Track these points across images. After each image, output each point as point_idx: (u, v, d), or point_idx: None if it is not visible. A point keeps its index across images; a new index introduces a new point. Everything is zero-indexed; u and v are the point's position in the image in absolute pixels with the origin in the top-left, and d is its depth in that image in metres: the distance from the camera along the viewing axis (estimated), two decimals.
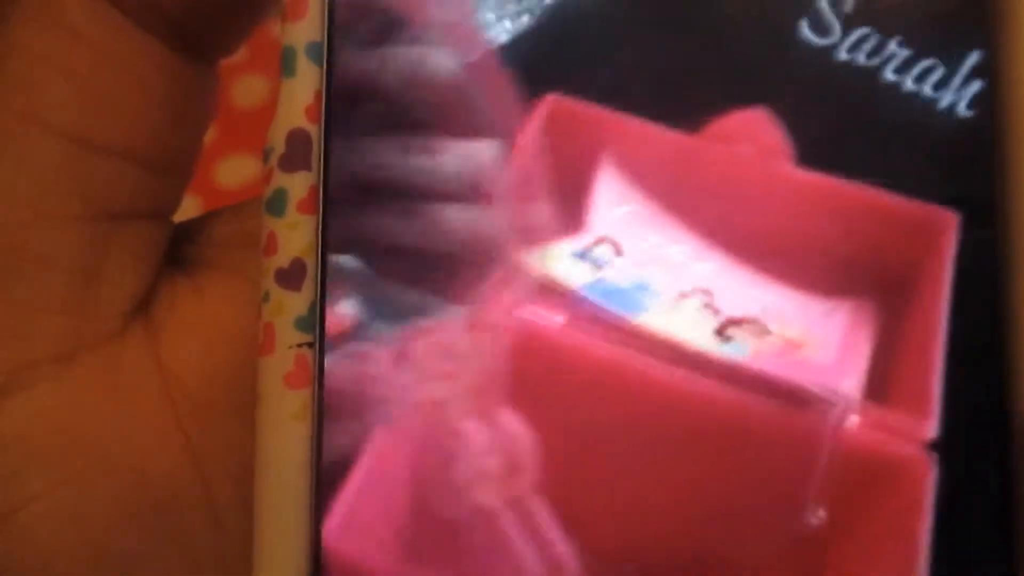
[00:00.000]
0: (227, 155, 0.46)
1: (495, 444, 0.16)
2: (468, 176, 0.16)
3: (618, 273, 0.16)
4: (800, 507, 0.15)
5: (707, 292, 0.16)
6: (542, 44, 0.17)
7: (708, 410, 0.15)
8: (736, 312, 0.16)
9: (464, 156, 0.16)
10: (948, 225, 0.15)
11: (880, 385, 0.15)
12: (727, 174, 0.16)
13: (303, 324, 0.18)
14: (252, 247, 0.18)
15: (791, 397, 0.15)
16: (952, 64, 0.15)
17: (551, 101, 0.16)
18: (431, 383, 0.16)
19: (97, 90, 0.18)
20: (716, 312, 0.16)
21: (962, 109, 0.15)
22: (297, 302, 0.18)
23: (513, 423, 0.16)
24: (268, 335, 0.18)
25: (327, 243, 0.18)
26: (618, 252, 0.16)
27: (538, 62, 0.17)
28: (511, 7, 0.16)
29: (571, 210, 0.16)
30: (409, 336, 0.16)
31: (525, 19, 0.16)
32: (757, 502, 0.15)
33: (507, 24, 0.17)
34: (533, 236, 0.16)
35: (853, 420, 0.15)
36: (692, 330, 0.16)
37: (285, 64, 0.18)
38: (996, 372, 0.15)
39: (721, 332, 0.16)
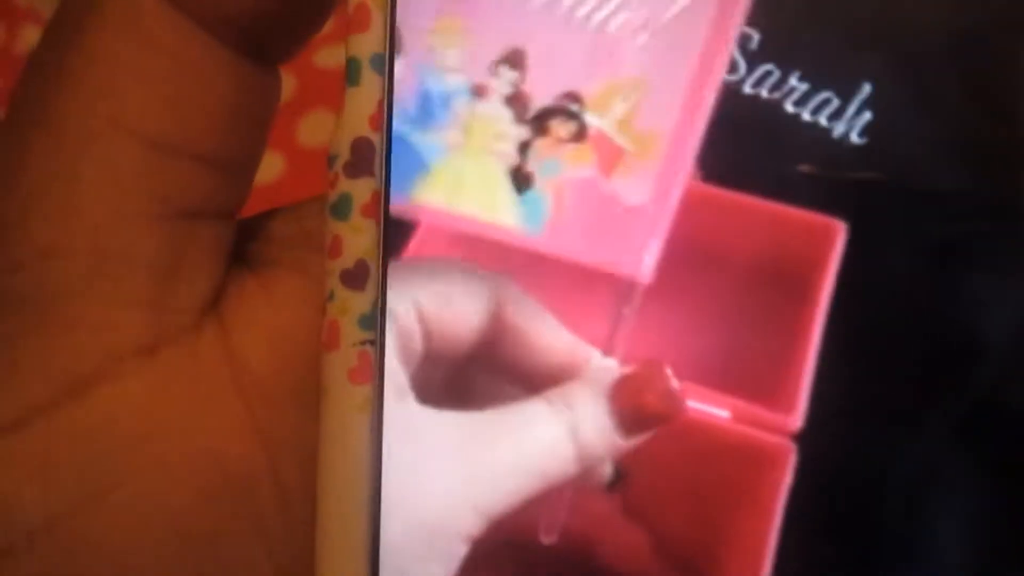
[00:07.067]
0: (308, 112, 0.47)
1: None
2: None
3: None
4: None
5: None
6: None
7: None
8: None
9: None
10: (836, 233, 0.17)
11: (759, 384, 0.18)
12: None
13: (366, 322, 0.18)
14: (311, 247, 0.19)
15: None
16: (845, 96, 0.17)
17: None
18: None
19: (173, 95, 0.19)
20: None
21: (854, 137, 0.17)
22: (361, 301, 0.18)
23: None
24: (333, 332, 0.19)
25: (388, 245, 0.18)
26: None
27: None
28: None
29: None
30: None
31: None
32: None
33: None
34: None
35: (726, 415, 0.18)
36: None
37: (350, 74, 0.19)
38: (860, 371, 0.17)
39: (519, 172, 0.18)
